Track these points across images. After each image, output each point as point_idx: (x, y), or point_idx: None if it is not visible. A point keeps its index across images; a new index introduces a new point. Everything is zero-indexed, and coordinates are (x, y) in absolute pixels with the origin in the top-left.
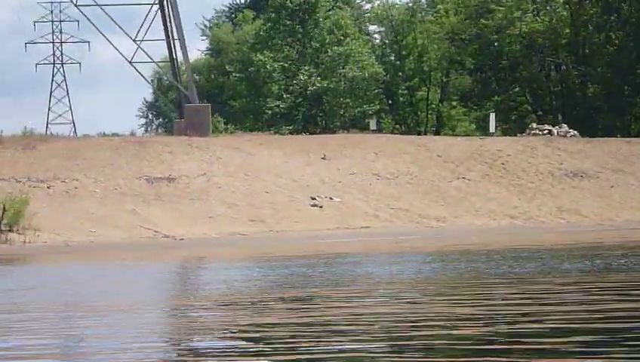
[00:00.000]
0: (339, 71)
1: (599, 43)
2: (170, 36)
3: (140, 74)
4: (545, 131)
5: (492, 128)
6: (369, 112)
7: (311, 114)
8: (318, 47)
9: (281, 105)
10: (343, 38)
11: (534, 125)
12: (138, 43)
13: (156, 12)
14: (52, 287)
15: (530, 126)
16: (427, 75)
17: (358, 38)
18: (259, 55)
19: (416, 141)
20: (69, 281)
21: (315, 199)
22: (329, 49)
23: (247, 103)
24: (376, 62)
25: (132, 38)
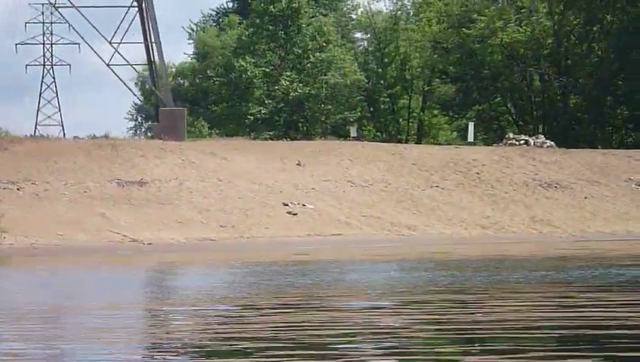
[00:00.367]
0: (320, 77)
1: (581, 54)
2: (148, 39)
3: (118, 77)
4: (522, 141)
5: (470, 138)
6: (350, 119)
7: (292, 120)
8: (301, 53)
9: (262, 111)
10: (325, 44)
11: (511, 135)
12: (115, 46)
13: (134, 15)
14: None
15: (507, 136)
16: (409, 83)
17: (341, 45)
18: (240, 60)
19: (392, 149)
20: None
21: (287, 205)
22: (311, 55)
23: (228, 108)
24: (358, 70)
25: (108, 41)
